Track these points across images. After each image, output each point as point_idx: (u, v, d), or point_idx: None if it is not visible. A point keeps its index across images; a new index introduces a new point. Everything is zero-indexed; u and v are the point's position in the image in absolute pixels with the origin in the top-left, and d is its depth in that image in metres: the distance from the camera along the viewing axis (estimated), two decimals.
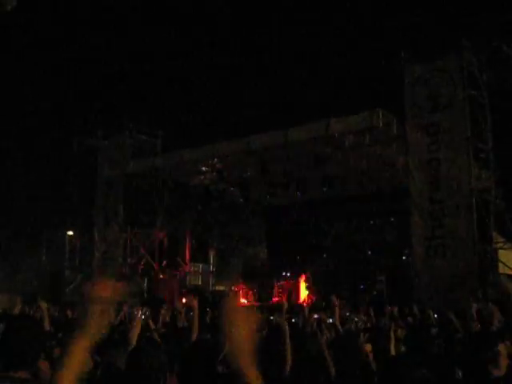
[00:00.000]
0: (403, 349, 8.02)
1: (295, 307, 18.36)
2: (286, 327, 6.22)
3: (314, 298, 28.96)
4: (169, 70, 42.65)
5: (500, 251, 21.58)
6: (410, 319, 13.08)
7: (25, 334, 3.45)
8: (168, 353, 4.21)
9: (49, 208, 32.85)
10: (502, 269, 21.41)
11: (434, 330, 10.65)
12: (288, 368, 5.83)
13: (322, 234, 32.61)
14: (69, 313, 17.12)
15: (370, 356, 7.04)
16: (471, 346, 7.36)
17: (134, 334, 6.19)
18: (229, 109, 36.54)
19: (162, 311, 13.15)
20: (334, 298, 9.93)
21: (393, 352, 7.09)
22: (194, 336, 7.08)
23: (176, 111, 36.97)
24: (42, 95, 34.65)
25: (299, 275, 30.96)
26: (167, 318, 13.01)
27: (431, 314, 13.38)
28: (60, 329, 10.27)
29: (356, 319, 13.38)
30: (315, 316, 12.71)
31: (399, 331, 9.46)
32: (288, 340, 6.03)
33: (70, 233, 33.26)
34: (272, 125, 25.99)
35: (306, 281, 30.43)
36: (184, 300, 30.31)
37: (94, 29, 41.11)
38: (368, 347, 7.38)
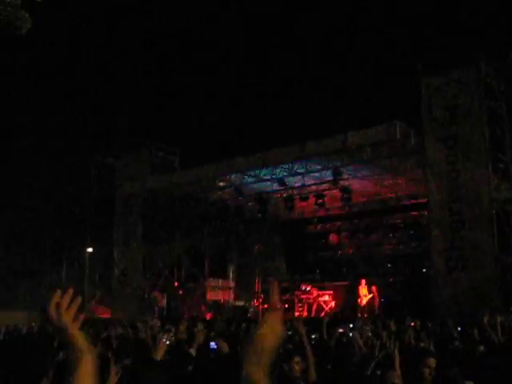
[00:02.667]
0: None
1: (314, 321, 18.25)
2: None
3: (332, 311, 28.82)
4: (186, 87, 42.89)
5: None
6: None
7: (30, 353, 3.42)
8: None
9: (69, 225, 33.01)
10: None
11: (456, 343, 10.55)
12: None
13: (340, 247, 32.52)
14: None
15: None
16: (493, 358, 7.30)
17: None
18: (245, 123, 36.64)
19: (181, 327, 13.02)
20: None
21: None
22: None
23: (193, 127, 37.13)
24: (61, 114, 34.89)
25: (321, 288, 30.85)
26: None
27: (451, 326, 13.23)
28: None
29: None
30: (340, 330, 12.62)
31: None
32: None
33: (90, 250, 33.38)
34: (289, 139, 26.02)
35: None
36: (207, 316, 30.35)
37: (111, 46, 41.41)
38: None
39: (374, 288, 28.10)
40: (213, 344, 9.58)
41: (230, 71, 42.73)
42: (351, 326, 17.48)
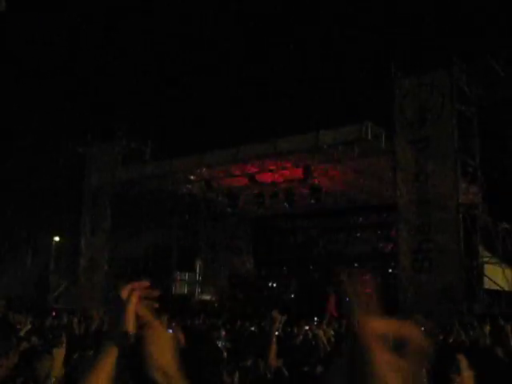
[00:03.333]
0: None
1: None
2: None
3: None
4: (159, 78, 42.70)
5: (486, 266, 21.70)
6: None
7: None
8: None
9: (36, 213, 32.66)
10: (487, 284, 21.52)
11: None
12: None
13: (309, 245, 32.66)
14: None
15: None
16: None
17: None
18: (218, 119, 36.59)
19: None
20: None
21: None
22: None
23: (166, 120, 36.95)
24: (31, 101, 34.52)
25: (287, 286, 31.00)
26: None
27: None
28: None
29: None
30: (306, 327, 12.70)
31: None
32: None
33: (57, 238, 33.13)
34: (261, 135, 26.03)
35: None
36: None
37: (86, 34, 41.07)
38: None
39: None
40: (169, 331, 9.55)
41: (205, 65, 42.64)
42: (315, 322, 17.63)
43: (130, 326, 1.84)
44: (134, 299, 1.91)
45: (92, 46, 39.64)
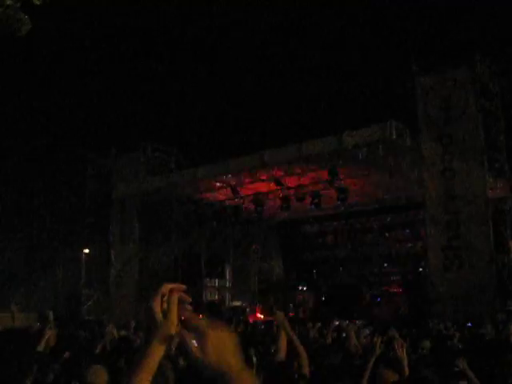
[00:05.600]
0: None
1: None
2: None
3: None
4: (182, 89, 42.90)
5: None
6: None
7: (9, 353, 3.31)
8: None
9: (65, 226, 32.96)
10: None
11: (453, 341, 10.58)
12: None
13: (337, 247, 32.56)
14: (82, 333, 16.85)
15: None
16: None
17: None
18: (242, 124, 36.68)
19: None
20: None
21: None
22: None
23: (189, 128, 37.12)
24: (59, 114, 34.90)
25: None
26: None
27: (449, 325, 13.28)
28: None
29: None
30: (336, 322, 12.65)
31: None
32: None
33: (86, 251, 33.34)
34: (286, 139, 26.05)
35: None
36: (201, 315, 30.32)
37: (110, 48, 41.44)
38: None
39: None
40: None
41: (227, 74, 42.78)
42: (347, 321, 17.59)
43: (173, 327, 1.88)
44: (175, 300, 1.95)
45: (118, 58, 39.96)
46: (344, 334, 11.72)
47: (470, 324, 15.46)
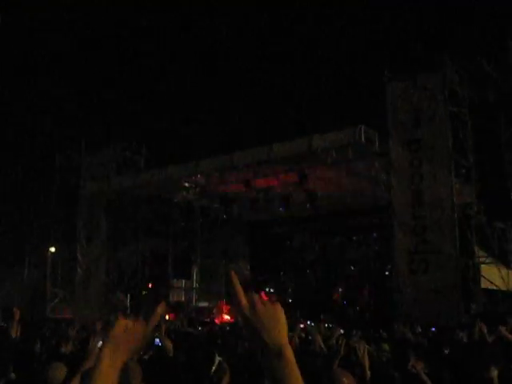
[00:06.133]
0: None
1: None
2: None
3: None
4: (153, 87, 42.75)
5: (482, 266, 21.78)
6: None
7: None
8: None
9: (31, 223, 32.65)
10: (484, 283, 21.59)
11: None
12: None
13: (305, 249, 32.68)
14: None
15: None
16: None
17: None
18: (212, 125, 36.65)
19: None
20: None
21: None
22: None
23: (159, 128, 37.00)
24: (27, 109, 34.56)
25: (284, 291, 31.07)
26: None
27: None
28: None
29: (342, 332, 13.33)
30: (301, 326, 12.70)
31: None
32: None
33: (53, 249, 33.07)
34: (255, 141, 26.09)
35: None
36: (167, 317, 30.31)
37: (83, 44, 41.14)
38: None
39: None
40: (157, 341, 9.54)
41: (198, 72, 42.72)
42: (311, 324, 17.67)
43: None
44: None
45: (89, 54, 39.69)
46: (310, 337, 11.78)
47: (433, 328, 15.61)
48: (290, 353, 1.86)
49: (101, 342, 2.00)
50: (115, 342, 1.96)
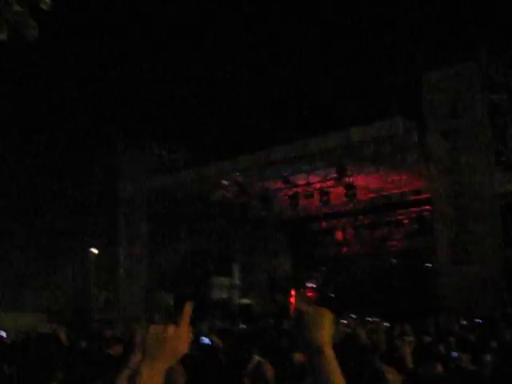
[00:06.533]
0: None
1: None
2: None
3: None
4: (189, 86, 42.93)
5: None
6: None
7: (39, 355, 3.37)
8: None
9: (73, 226, 32.98)
10: None
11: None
12: None
13: (346, 244, 32.54)
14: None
15: None
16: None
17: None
18: (248, 122, 36.66)
19: None
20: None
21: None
22: None
23: (196, 126, 37.13)
24: (64, 113, 34.98)
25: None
26: None
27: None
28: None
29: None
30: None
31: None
32: None
33: (95, 250, 33.41)
34: (293, 136, 26.01)
35: None
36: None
37: (118, 45, 41.41)
38: None
39: None
40: (205, 340, 9.51)
41: (233, 71, 42.73)
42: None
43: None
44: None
45: (127, 55, 40.00)
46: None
47: (480, 320, 15.43)
48: (329, 351, 2.02)
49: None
50: (151, 352, 1.97)
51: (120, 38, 43.07)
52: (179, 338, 2.01)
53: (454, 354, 7.73)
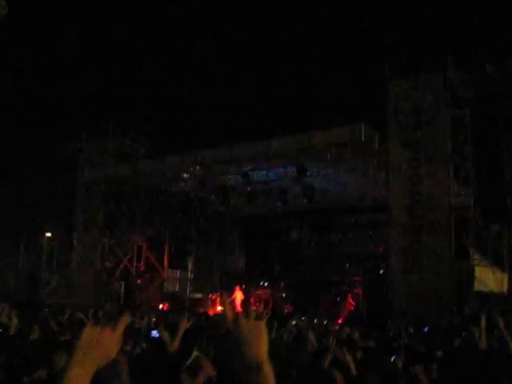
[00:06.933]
0: None
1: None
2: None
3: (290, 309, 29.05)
4: (154, 77, 42.73)
5: (476, 268, 21.79)
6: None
7: None
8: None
9: (28, 209, 32.64)
10: (477, 286, 21.62)
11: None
12: None
13: (300, 245, 32.68)
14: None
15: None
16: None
17: None
18: (213, 117, 36.65)
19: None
20: None
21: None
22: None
23: (160, 117, 36.99)
24: (27, 97, 34.56)
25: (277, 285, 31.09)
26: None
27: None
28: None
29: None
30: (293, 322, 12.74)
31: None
32: None
33: (49, 234, 33.09)
34: (256, 135, 26.11)
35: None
36: (161, 306, 30.38)
37: (84, 33, 41.09)
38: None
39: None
40: (154, 332, 9.48)
41: (200, 64, 42.67)
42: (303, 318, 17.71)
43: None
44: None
45: (89, 45, 39.64)
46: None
47: (426, 329, 15.64)
48: (268, 369, 1.91)
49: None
50: (83, 351, 1.99)
51: (89, 24, 42.68)
52: (112, 343, 2.04)
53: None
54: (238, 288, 32.23)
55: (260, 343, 1.95)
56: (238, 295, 31.88)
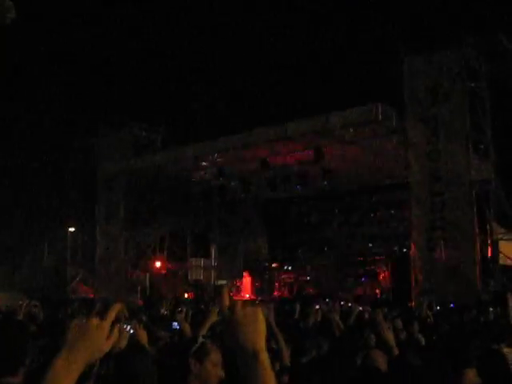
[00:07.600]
0: None
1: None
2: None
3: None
4: (169, 66, 42.68)
5: (500, 242, 21.62)
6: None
7: (7, 338, 3.28)
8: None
9: (51, 205, 32.81)
10: (502, 260, 21.47)
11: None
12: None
13: (322, 227, 32.62)
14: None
15: None
16: None
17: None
18: (228, 104, 36.56)
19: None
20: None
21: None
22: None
23: (176, 107, 36.96)
24: (42, 93, 34.63)
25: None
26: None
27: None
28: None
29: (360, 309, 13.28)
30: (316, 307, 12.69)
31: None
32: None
33: (72, 229, 33.28)
34: (272, 119, 25.98)
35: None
36: (186, 295, 30.53)
37: (95, 26, 41.13)
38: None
39: None
40: (175, 324, 9.44)
41: (214, 52, 42.55)
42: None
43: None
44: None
45: (104, 36, 39.64)
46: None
47: (452, 305, 15.60)
48: (265, 358, 1.88)
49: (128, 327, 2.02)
50: (70, 344, 1.93)
51: (99, 18, 42.69)
52: (101, 333, 1.97)
53: None
54: (246, 274, 32.38)
55: (257, 331, 1.91)
56: (247, 280, 32.03)
